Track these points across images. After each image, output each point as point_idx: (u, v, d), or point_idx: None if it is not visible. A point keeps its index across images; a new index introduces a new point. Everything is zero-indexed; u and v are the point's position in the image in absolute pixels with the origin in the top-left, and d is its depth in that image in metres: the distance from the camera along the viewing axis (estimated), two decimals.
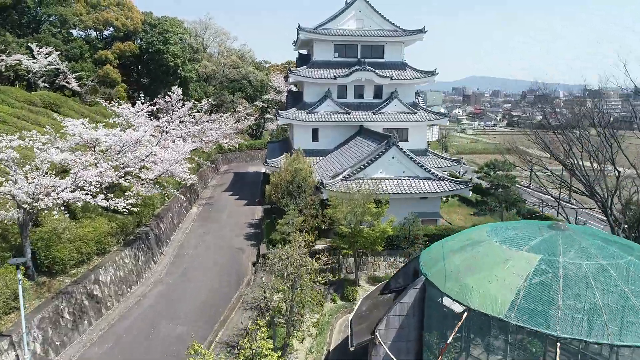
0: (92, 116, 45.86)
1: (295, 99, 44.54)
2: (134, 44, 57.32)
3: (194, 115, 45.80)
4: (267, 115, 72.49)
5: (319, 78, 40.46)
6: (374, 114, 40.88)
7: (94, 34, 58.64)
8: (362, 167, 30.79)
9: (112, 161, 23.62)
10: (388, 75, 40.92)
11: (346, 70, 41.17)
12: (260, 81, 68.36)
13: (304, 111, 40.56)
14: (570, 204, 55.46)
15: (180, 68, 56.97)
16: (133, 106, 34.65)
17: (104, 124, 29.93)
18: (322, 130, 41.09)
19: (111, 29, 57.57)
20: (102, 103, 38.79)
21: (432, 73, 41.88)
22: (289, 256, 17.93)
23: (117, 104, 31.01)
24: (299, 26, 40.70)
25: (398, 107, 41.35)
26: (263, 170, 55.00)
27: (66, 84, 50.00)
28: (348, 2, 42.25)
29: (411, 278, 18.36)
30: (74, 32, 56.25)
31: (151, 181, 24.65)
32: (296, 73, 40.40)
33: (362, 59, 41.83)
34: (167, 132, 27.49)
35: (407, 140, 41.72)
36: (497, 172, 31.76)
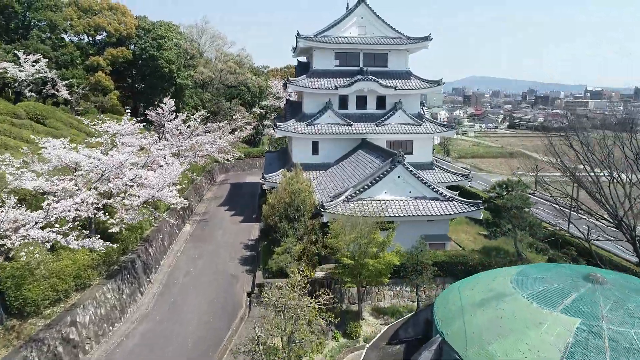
0: (81, 127, 43.88)
1: (294, 110, 42.48)
2: (127, 49, 55.30)
3: (190, 126, 43.81)
4: (266, 122, 70.44)
5: (319, 88, 38.41)
6: (377, 126, 38.84)
7: (85, 39, 56.61)
8: (366, 187, 28.73)
9: (93, 189, 21.56)
10: (392, 85, 38.87)
11: (348, 79, 39.14)
12: (258, 87, 66.30)
13: (303, 123, 38.52)
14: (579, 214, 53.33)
15: (175, 74, 54.93)
16: (126, 112, 32.61)
17: (87, 143, 27.99)
18: (323, 142, 39.04)
19: (103, 34, 55.56)
20: (91, 122, 36.71)
21: (438, 83, 39.84)
22: (285, 303, 15.87)
23: (101, 121, 28.77)
24: (297, 34, 38.64)
25: (402, 118, 39.31)
26: (261, 180, 53.20)
27: (56, 92, 47.98)
28: (350, 8, 40.20)
29: (422, 328, 16.32)
30: (66, 37, 54.22)
31: (136, 207, 22.60)
32: (295, 83, 38.34)
33: (365, 68, 39.79)
34: (156, 151, 25.35)
35: (411, 153, 39.71)
36: (511, 192, 29.59)
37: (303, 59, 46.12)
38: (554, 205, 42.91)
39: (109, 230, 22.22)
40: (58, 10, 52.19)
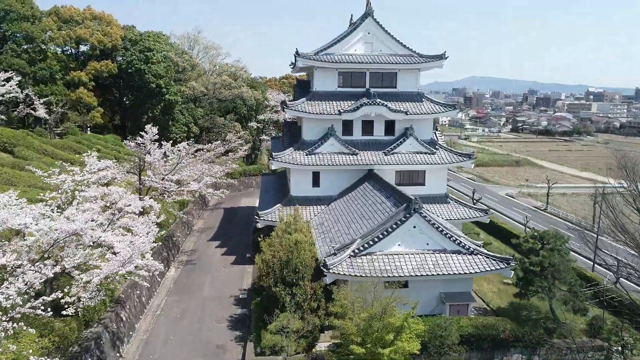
0: (57, 153, 39.62)
1: (292, 134, 38.25)
2: (112, 62, 51.06)
3: (180, 149, 39.32)
4: (264, 137, 66.19)
5: (320, 114, 34.18)
6: (386, 155, 34.63)
7: (67, 51, 52.34)
8: (376, 239, 24.49)
9: (41, 261, 17.29)
10: (402, 109, 34.66)
11: (352, 103, 34.97)
12: (255, 100, 62.07)
13: (303, 152, 34.31)
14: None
15: (164, 89, 50.67)
16: (88, 156, 28.34)
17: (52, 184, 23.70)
18: (325, 173, 34.85)
19: (87, 45, 51.32)
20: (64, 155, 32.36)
21: (453, 107, 35.75)
22: None
23: (56, 173, 24.01)
24: (296, 52, 34.40)
25: (414, 146, 35.10)
26: (257, 203, 49.03)
27: (32, 112, 43.77)
28: (355, 22, 35.95)
29: None
30: (47, 47, 49.89)
31: (97, 285, 18.32)
32: (294, 108, 34.10)
33: (371, 89, 35.63)
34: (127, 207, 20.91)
35: (423, 184, 35.66)
36: (546, 246, 25.17)
37: (302, 74, 41.92)
38: (574, 225, 38.70)
39: (62, 312, 17.99)
40: (36, 21, 47.93)
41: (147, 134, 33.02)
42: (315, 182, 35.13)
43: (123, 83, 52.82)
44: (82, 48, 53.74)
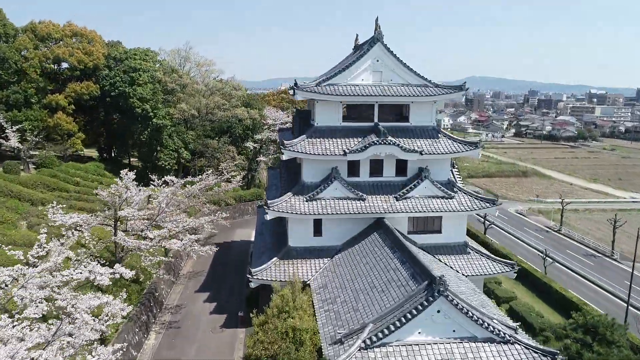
0: (25, 194, 35.20)
1: (290, 175, 33.87)
2: (93, 84, 46.67)
3: (160, 200, 34.58)
4: (261, 158, 61.82)
5: (323, 154, 29.85)
6: (397, 200, 30.33)
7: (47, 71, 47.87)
8: (392, 326, 20.14)
9: None
10: (416, 148, 30.38)
11: (359, 140, 30.72)
12: (251, 119, 57.71)
13: (303, 197, 30.01)
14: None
15: (151, 114, 46.28)
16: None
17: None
18: (328, 221, 30.56)
19: (66, 65, 46.96)
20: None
21: (475, 145, 31.28)
22: None
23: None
24: (295, 84, 30.09)
25: (429, 189, 30.79)
26: (252, 237, 44.82)
27: (3, 141, 39.46)
28: (363, 49, 31.53)
29: None
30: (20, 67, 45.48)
31: None
32: (292, 148, 29.77)
33: (380, 124, 31.36)
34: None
35: (439, 232, 31.47)
36: (600, 340, 20.80)
37: (301, 97, 37.46)
38: (592, 251, 34.42)
39: None
40: (10, 40, 43.58)
41: (122, 179, 28.59)
42: (317, 230, 30.86)
43: (107, 105, 48.46)
44: (63, 65, 49.36)
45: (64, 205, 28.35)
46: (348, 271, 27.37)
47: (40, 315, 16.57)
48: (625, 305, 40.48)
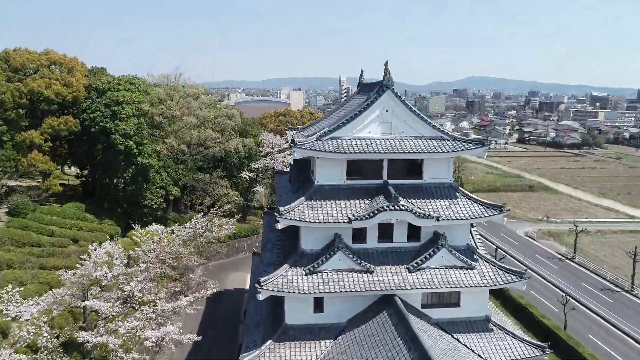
0: None
1: (289, 240, 29.84)
2: (73, 118, 42.69)
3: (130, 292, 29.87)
4: (258, 188, 57.88)
5: (324, 222, 25.88)
6: (410, 272, 26.45)
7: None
8: None
9: None
10: (432, 212, 26.45)
11: (366, 202, 26.84)
12: (248, 148, 53.78)
13: (302, 269, 26.10)
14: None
15: (135, 151, 42.27)
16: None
17: None
18: (331, 296, 26.61)
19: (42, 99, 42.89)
20: None
21: (500, 209, 27.23)
22: None
23: None
24: (292, 141, 26.12)
25: (446, 259, 26.88)
26: (247, 283, 41.05)
27: None
28: (371, 98, 27.51)
29: None
30: None
31: None
32: (289, 215, 25.79)
33: (390, 181, 27.47)
34: None
35: (457, 306, 27.61)
36: None
37: (300, 155, 33.29)
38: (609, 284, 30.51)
39: None
40: None
41: (90, 256, 24.58)
42: (318, 306, 26.91)
43: (87, 140, 44.48)
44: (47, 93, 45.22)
45: (34, 268, 24.50)
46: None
47: None
48: None
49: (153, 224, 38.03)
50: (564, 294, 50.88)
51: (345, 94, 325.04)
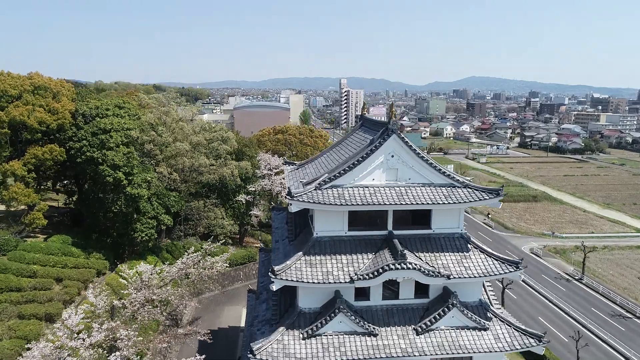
0: None
1: (286, 295, 27.50)
2: (58, 147, 40.36)
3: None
4: (254, 211, 55.56)
5: (324, 282, 23.56)
6: (418, 335, 24.17)
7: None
8: None
9: None
10: (442, 270, 24.16)
11: (369, 257, 24.60)
12: (244, 170, 51.44)
13: (299, 332, 23.82)
14: None
15: (125, 181, 39.92)
16: None
17: None
18: None
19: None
20: None
21: (517, 266, 24.88)
22: None
23: None
24: (289, 193, 23.76)
25: (457, 318, 24.60)
26: (243, 320, 38.66)
27: None
28: (375, 143, 25.18)
29: None
30: None
31: None
32: (284, 276, 23.45)
33: (395, 232, 25.19)
34: None
35: None
36: None
37: (297, 208, 30.91)
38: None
39: None
40: None
41: (66, 320, 22.25)
42: None
43: (75, 169, 42.18)
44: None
45: (11, 318, 22.18)
46: None
47: None
48: None
49: (142, 262, 35.79)
50: (576, 330, 48.50)
51: (346, 97, 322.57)
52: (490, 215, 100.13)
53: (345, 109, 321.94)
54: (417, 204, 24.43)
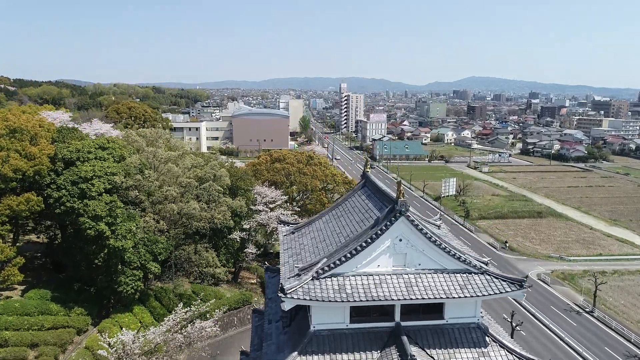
0: None
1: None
2: (35, 195, 37.32)
3: None
4: (249, 249, 52.51)
5: None
6: None
7: None
8: None
9: None
10: None
11: (373, 355, 21.54)
12: (238, 209, 48.41)
13: None
14: None
15: (108, 233, 36.85)
16: None
17: None
18: None
19: None
20: None
21: None
22: None
23: None
24: (281, 289, 20.72)
25: None
26: None
27: None
28: (380, 226, 22.11)
29: None
30: None
31: None
32: None
33: (403, 323, 22.16)
34: None
35: None
36: None
37: (291, 305, 27.83)
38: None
39: None
40: None
41: None
42: None
43: (54, 219, 39.18)
44: None
45: None
46: None
47: None
48: None
49: (128, 314, 32.88)
50: None
51: (346, 101, 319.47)
52: (508, 244, 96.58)
53: (346, 114, 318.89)
54: (429, 298, 21.39)
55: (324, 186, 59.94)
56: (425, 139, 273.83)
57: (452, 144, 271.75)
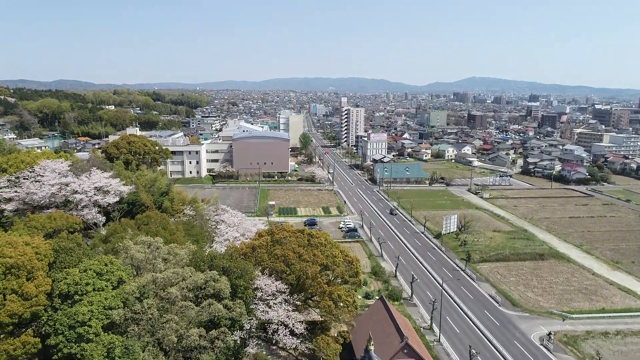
0: None
1: None
2: (30, 336, 36.63)
3: None
4: (249, 349, 51.86)
5: None
6: None
7: None
8: None
9: None
10: None
11: None
12: (238, 316, 47.71)
13: None
14: None
15: None
16: None
17: None
18: None
19: None
20: None
21: None
22: None
23: None
24: None
25: None
26: None
27: None
28: None
29: None
30: None
31: None
32: None
33: None
34: None
35: None
36: None
37: None
38: None
39: None
40: None
41: None
42: None
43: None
44: None
45: None
46: None
47: None
48: None
49: None
50: None
51: (346, 116, 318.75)
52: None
53: (346, 128, 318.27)
54: None
55: (322, 269, 59.22)
56: (425, 155, 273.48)
57: (453, 161, 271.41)
